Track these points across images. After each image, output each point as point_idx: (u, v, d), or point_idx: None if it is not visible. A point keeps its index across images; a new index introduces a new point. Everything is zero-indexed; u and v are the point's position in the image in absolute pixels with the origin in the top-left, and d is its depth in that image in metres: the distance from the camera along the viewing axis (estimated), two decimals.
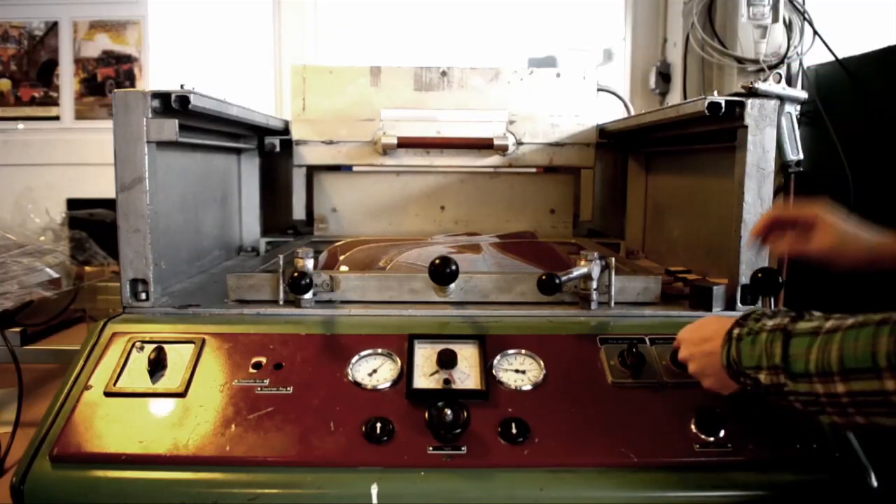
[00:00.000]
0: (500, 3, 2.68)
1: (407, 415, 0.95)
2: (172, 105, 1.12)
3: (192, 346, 1.05)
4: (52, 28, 2.47)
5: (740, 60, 1.97)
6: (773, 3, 1.96)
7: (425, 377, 1.00)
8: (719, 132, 1.25)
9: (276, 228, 1.89)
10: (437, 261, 1.06)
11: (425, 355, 1.03)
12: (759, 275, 1.07)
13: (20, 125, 2.52)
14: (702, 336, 0.90)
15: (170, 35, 2.48)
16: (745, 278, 1.15)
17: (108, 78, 2.49)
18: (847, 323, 0.69)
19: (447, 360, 1.01)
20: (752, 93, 1.16)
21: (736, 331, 0.82)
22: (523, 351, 1.05)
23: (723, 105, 1.13)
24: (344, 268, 1.42)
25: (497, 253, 1.53)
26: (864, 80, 1.71)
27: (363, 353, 1.04)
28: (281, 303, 1.17)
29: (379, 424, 0.92)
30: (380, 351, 1.05)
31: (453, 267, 1.06)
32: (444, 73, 1.85)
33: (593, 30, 2.71)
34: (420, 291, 1.18)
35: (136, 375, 1.00)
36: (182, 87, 1.13)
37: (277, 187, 1.90)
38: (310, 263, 1.15)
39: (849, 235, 0.96)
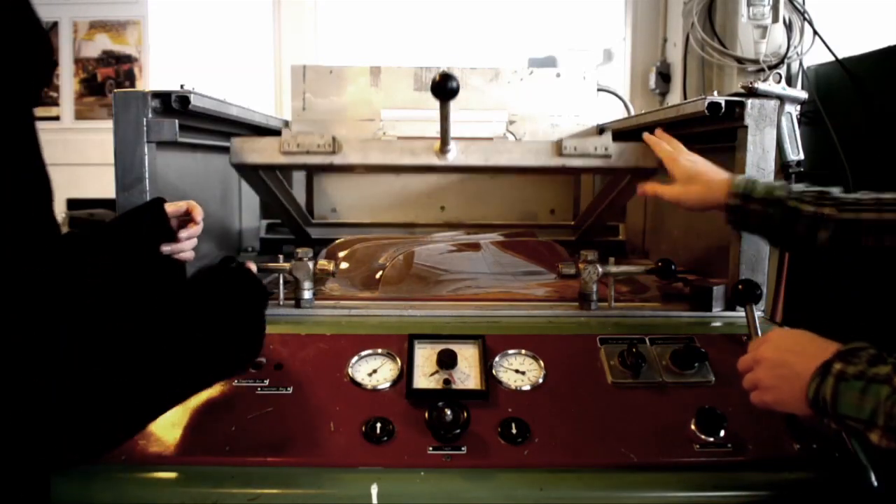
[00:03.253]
0: (500, 3, 2.68)
1: (407, 415, 0.95)
2: (172, 105, 1.12)
3: None
4: (52, 28, 2.47)
5: (740, 60, 1.97)
6: (773, 3, 1.95)
7: (425, 377, 1.00)
8: (719, 132, 1.25)
9: (276, 228, 1.89)
10: (438, 77, 1.04)
11: (425, 355, 1.03)
12: (741, 286, 1.06)
13: None
14: (790, 348, 0.79)
15: (170, 35, 2.47)
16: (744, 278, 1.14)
17: (108, 78, 2.48)
18: None
19: (447, 361, 1.00)
20: (752, 93, 1.16)
21: (838, 366, 0.72)
22: (523, 351, 1.05)
23: (723, 105, 1.13)
24: (344, 265, 1.42)
25: (497, 251, 1.53)
26: (864, 80, 1.71)
27: (363, 353, 1.04)
28: (281, 303, 1.17)
29: (379, 424, 0.92)
30: (380, 351, 1.05)
31: (454, 84, 1.03)
32: None
33: (593, 30, 2.71)
34: (419, 153, 1.21)
35: None
36: (182, 87, 1.13)
37: None
38: (310, 264, 1.16)
39: (698, 177, 1.06)
